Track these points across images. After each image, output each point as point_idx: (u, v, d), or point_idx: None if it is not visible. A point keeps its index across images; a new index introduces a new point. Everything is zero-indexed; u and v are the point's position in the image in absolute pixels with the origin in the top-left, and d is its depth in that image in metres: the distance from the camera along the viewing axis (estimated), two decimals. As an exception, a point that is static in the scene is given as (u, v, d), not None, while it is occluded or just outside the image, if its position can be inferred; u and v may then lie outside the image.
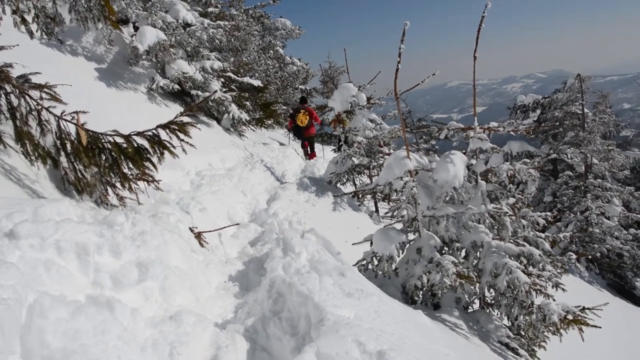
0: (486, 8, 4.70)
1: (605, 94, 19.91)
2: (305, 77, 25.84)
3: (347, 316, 2.85)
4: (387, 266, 5.16)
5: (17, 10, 4.20)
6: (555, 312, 4.58)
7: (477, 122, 5.19)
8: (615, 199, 16.60)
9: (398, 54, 4.65)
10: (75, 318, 2.02)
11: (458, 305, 5.13)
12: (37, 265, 2.24)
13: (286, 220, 6.26)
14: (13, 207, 2.68)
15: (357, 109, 10.87)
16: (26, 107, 3.71)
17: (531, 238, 5.28)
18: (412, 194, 4.87)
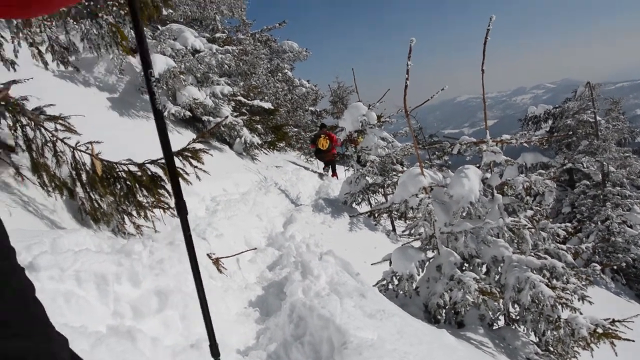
0: (491, 21, 4.70)
1: (617, 100, 19.76)
2: (315, 98, 25.97)
3: (370, 338, 2.79)
4: (408, 285, 5.09)
5: (34, 43, 4.27)
6: (584, 325, 4.47)
7: (489, 135, 5.15)
8: (636, 206, 16.35)
9: (406, 70, 4.66)
10: (96, 349, 2.00)
11: (482, 322, 5.03)
12: (57, 297, 2.23)
13: (303, 242, 6.23)
14: (32, 238, 2.68)
15: (368, 128, 10.88)
16: (42, 138, 3.75)
17: (552, 250, 5.19)
18: (428, 211, 4.82)
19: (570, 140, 18.93)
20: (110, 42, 4.68)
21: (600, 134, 17.33)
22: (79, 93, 9.07)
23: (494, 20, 4.70)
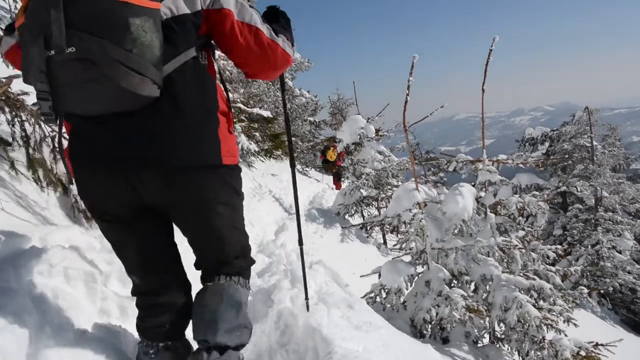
0: (494, 42, 4.76)
1: (614, 127, 19.93)
2: (314, 109, 26.05)
3: (356, 349, 2.81)
4: (396, 299, 5.10)
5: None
6: (568, 347, 4.49)
7: (485, 155, 5.19)
8: (626, 232, 16.44)
9: (407, 86, 4.70)
10: (81, 347, 2.00)
11: (467, 339, 5.04)
12: (45, 292, 2.24)
13: (294, 251, 6.23)
14: (22, 233, 2.69)
15: (366, 141, 10.93)
16: (40, 134, 3.77)
17: (541, 271, 5.23)
18: (420, 226, 4.85)
19: (566, 164, 19.04)
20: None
21: (595, 159, 17.45)
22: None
23: (496, 41, 4.76)
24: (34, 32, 1.48)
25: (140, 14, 1.47)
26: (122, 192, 1.72)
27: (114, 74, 1.45)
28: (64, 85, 1.50)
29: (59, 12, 1.42)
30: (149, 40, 1.50)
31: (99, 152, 1.67)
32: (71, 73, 1.47)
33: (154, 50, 1.51)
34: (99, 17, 1.44)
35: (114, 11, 1.44)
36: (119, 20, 1.44)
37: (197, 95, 1.72)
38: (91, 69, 1.45)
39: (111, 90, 1.50)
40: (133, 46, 1.46)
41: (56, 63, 1.45)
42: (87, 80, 1.48)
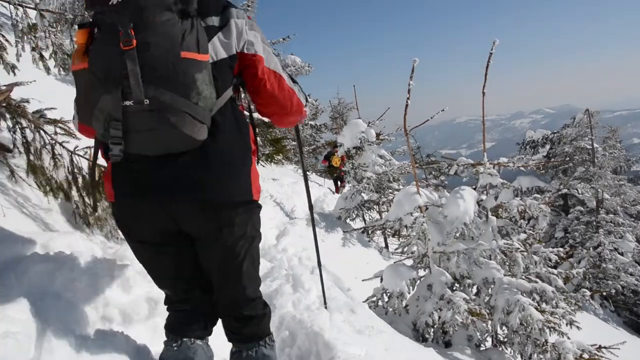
0: (494, 45, 4.77)
1: (615, 129, 19.93)
2: (315, 113, 26.04)
3: (358, 354, 2.80)
4: (398, 303, 5.10)
5: (37, 47, 4.31)
6: (571, 350, 4.48)
7: (486, 158, 5.20)
8: (628, 234, 16.42)
9: (407, 90, 4.71)
10: (83, 353, 2.00)
11: (470, 343, 5.03)
12: (47, 299, 2.24)
13: (295, 256, 6.22)
14: (24, 240, 2.69)
15: (367, 145, 10.93)
16: (40, 141, 3.77)
17: (543, 274, 5.22)
18: (422, 230, 4.85)
19: (567, 166, 19.04)
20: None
21: (596, 161, 17.44)
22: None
23: (497, 44, 4.77)
24: (105, 82, 1.63)
25: (202, 69, 1.66)
26: (162, 222, 1.90)
27: (180, 123, 1.64)
28: (133, 131, 1.67)
29: (135, 64, 1.58)
30: (209, 92, 1.70)
31: (145, 185, 1.81)
32: (142, 121, 1.65)
33: (211, 101, 1.72)
34: (170, 73, 1.61)
35: (184, 68, 1.62)
36: (187, 76, 1.62)
37: (236, 138, 1.90)
38: (162, 119, 1.63)
39: (174, 136, 1.67)
40: (198, 99, 1.66)
41: (130, 113, 1.63)
42: (156, 128, 1.66)
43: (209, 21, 1.78)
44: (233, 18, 1.83)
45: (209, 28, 1.76)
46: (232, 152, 1.87)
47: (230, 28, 1.82)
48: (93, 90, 1.67)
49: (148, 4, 1.62)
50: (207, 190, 1.82)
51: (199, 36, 1.68)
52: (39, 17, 4.44)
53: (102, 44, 1.66)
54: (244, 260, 2.04)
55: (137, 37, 1.59)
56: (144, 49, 1.60)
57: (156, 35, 1.61)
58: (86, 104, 1.74)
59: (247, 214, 1.99)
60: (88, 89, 1.70)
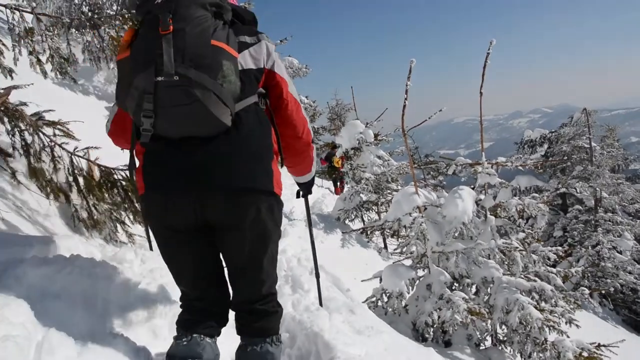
0: (491, 45, 4.78)
1: (613, 128, 19.96)
2: (313, 114, 26.02)
3: (358, 354, 2.81)
4: (397, 303, 5.10)
5: (34, 52, 4.31)
6: (570, 349, 4.49)
7: (484, 157, 5.21)
8: (626, 232, 16.45)
9: (405, 90, 4.72)
10: (83, 355, 2.00)
11: (470, 342, 5.04)
12: (47, 302, 2.24)
13: (295, 257, 6.22)
14: (24, 243, 2.69)
15: (365, 146, 10.95)
16: (39, 143, 3.78)
17: (542, 273, 5.23)
18: (421, 230, 4.85)
19: (565, 165, 19.06)
20: (110, 55, 4.73)
21: (594, 160, 17.46)
22: (78, 101, 9.11)
23: (494, 44, 4.78)
24: (142, 62, 1.82)
25: (229, 58, 1.86)
26: (189, 211, 1.99)
27: (207, 100, 1.79)
28: (163, 106, 1.82)
29: (169, 45, 1.78)
30: (233, 79, 1.87)
31: (173, 175, 1.95)
32: (172, 96, 1.79)
33: (235, 88, 1.88)
34: (200, 55, 1.80)
35: (211, 52, 1.82)
36: (215, 59, 1.82)
37: (260, 132, 2.06)
38: (190, 94, 1.78)
39: (201, 113, 1.82)
40: (223, 81, 1.83)
41: (161, 88, 1.78)
42: (184, 103, 1.80)
43: (242, 39, 2.00)
44: (264, 40, 2.08)
45: (241, 43, 1.98)
46: (254, 144, 2.02)
47: (261, 46, 2.05)
48: (131, 73, 1.84)
49: (186, 1, 1.85)
50: (231, 176, 1.95)
51: (229, 37, 1.90)
52: (35, 21, 4.44)
53: (143, 32, 1.89)
54: (264, 253, 2.17)
55: (174, 25, 1.79)
56: (179, 34, 1.79)
57: (191, 24, 1.82)
58: (124, 85, 1.91)
59: (269, 203, 2.09)
60: (128, 72, 1.87)
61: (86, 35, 4.94)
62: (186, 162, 1.93)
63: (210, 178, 1.93)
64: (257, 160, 2.03)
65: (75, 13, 7.63)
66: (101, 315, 2.53)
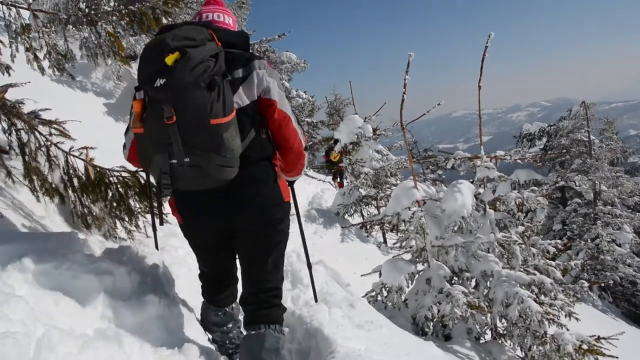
0: (489, 38, 4.77)
1: (611, 121, 19.94)
2: (311, 109, 26.01)
3: (358, 348, 2.81)
4: (397, 297, 5.10)
5: (30, 48, 4.28)
6: (570, 341, 4.50)
7: (483, 151, 5.20)
8: (626, 225, 16.45)
9: (403, 84, 4.70)
10: (83, 352, 2.01)
11: (469, 336, 5.05)
12: (46, 299, 2.24)
13: (294, 252, 6.22)
14: (22, 240, 2.69)
15: (364, 140, 10.93)
16: (35, 143, 3.76)
17: (542, 266, 5.23)
18: (420, 224, 4.85)
19: (564, 159, 19.04)
20: (108, 52, 4.69)
21: (593, 153, 17.45)
22: (76, 98, 9.09)
23: (492, 37, 4.76)
24: (157, 146, 2.19)
25: (228, 127, 2.15)
26: (215, 231, 2.57)
27: (215, 173, 2.19)
28: (180, 179, 2.23)
29: (176, 135, 2.11)
30: (236, 144, 2.20)
31: (199, 212, 2.47)
32: (186, 173, 2.20)
33: (238, 149, 2.22)
34: (203, 139, 2.13)
35: (214, 131, 2.12)
36: (217, 137, 2.13)
37: (262, 163, 2.46)
38: (200, 171, 2.19)
39: (211, 180, 2.23)
40: (226, 153, 2.16)
41: (176, 168, 2.19)
42: (195, 177, 2.22)
43: (235, 74, 2.29)
44: (255, 70, 2.34)
45: (234, 80, 2.28)
46: (262, 175, 2.45)
47: (252, 79, 2.33)
48: (150, 150, 2.25)
49: (181, 85, 2.07)
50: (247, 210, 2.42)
51: (225, 100, 2.15)
52: (32, 18, 4.42)
53: (152, 117, 2.18)
54: (273, 251, 2.60)
55: (176, 114, 2.10)
56: (182, 123, 2.11)
57: (190, 111, 2.10)
58: (145, 157, 2.32)
59: (282, 211, 2.56)
60: (147, 148, 2.27)
61: (83, 32, 4.92)
62: (208, 204, 2.41)
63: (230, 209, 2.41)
64: (267, 183, 2.47)
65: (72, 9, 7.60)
66: (101, 312, 2.53)
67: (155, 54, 2.14)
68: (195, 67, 2.09)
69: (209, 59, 2.15)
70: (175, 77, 2.07)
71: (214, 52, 2.19)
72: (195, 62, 2.10)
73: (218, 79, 2.16)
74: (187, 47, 2.12)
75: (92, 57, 4.92)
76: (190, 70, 2.08)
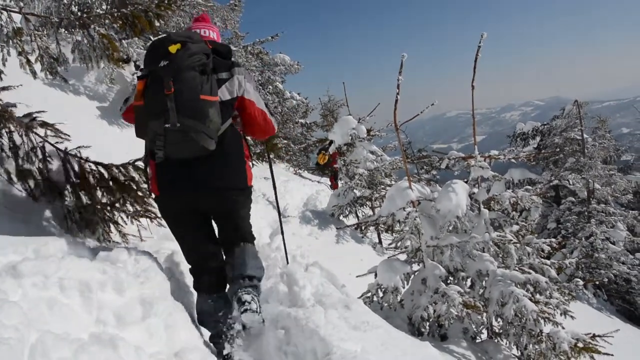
0: (482, 38, 4.77)
1: (604, 119, 20.02)
2: (305, 111, 26.02)
3: (354, 349, 2.81)
4: (393, 298, 5.11)
5: (22, 52, 4.27)
6: (565, 340, 4.51)
7: (477, 151, 5.21)
8: (619, 223, 16.53)
9: (397, 85, 4.71)
10: (78, 357, 1.99)
11: (466, 335, 5.05)
12: (40, 304, 2.22)
13: (289, 254, 6.22)
14: (17, 245, 2.68)
15: (358, 141, 10.95)
16: (29, 145, 3.75)
17: (537, 265, 5.24)
18: (415, 224, 4.85)
19: (557, 158, 19.12)
20: (101, 54, 4.67)
21: (586, 151, 17.52)
22: (69, 101, 9.04)
23: (485, 37, 4.77)
24: (155, 113, 2.70)
25: (212, 105, 2.77)
26: (189, 204, 3.06)
27: (199, 138, 2.73)
28: (169, 142, 2.75)
29: (172, 103, 2.65)
30: (217, 120, 2.81)
31: (178, 181, 2.95)
32: (176, 137, 2.72)
33: (217, 124, 2.82)
34: (193, 108, 2.69)
35: (201, 105, 2.72)
36: (203, 110, 2.72)
37: (235, 147, 3.10)
38: (187, 135, 2.71)
39: (195, 146, 2.76)
40: (209, 124, 2.75)
41: (168, 131, 2.70)
42: (184, 140, 2.74)
43: (220, 75, 2.94)
44: (236, 75, 3.01)
45: (220, 79, 2.93)
46: (232, 156, 3.05)
47: (233, 81, 3.00)
48: (147, 118, 2.75)
49: (181, 67, 2.68)
50: (219, 181, 3.00)
51: (212, 85, 2.79)
52: (24, 21, 4.40)
53: (153, 89, 2.72)
54: (243, 216, 3.37)
55: (175, 87, 2.65)
56: (178, 94, 2.66)
57: (186, 86, 2.68)
58: (142, 125, 2.81)
59: (245, 194, 3.26)
60: (144, 117, 2.78)
61: (76, 35, 4.89)
62: (185, 174, 2.92)
63: (204, 184, 2.97)
64: (235, 167, 3.10)
65: (64, 12, 7.57)
66: (96, 316, 2.52)
67: (162, 44, 2.75)
68: (191, 55, 2.71)
69: (202, 54, 2.77)
70: (177, 59, 2.68)
71: (206, 51, 2.83)
72: (192, 52, 2.72)
73: (208, 70, 2.79)
74: (186, 41, 2.75)
75: (86, 60, 4.90)
76: (188, 57, 2.70)
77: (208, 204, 3.10)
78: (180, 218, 3.15)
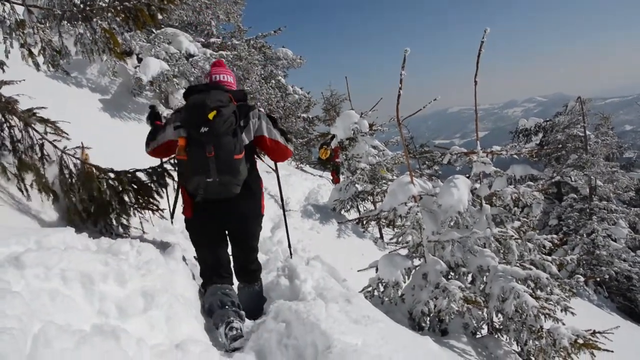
0: (485, 34, 4.75)
1: (607, 116, 19.95)
2: (307, 105, 25.95)
3: (355, 343, 2.82)
4: (394, 292, 5.12)
5: (25, 44, 4.26)
6: (565, 336, 4.52)
7: (479, 147, 5.20)
8: (621, 220, 16.51)
9: (399, 80, 4.69)
10: (80, 348, 2.00)
11: (466, 330, 5.06)
12: (42, 295, 2.23)
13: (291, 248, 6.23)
14: (19, 236, 2.68)
15: (360, 136, 10.93)
16: (30, 140, 3.75)
17: (538, 261, 5.24)
18: (416, 219, 4.85)
19: (560, 154, 19.08)
20: (103, 48, 4.67)
21: (589, 148, 17.49)
22: (71, 94, 9.05)
23: (488, 33, 4.75)
24: (199, 170, 3.31)
25: (242, 162, 3.41)
26: (217, 227, 3.74)
27: (231, 187, 3.43)
28: (209, 191, 3.41)
29: (213, 164, 3.27)
30: (244, 172, 3.46)
31: (210, 211, 3.60)
32: (214, 187, 3.37)
33: (245, 175, 3.47)
34: (229, 167, 3.33)
35: (235, 164, 3.36)
36: (236, 167, 3.37)
37: (255, 185, 3.75)
38: (223, 186, 3.39)
39: (228, 192, 3.45)
40: (239, 176, 3.42)
41: (208, 183, 3.34)
42: (220, 191, 3.42)
43: (241, 123, 3.50)
44: (251, 120, 3.61)
45: (240, 127, 3.46)
46: (254, 193, 3.72)
47: (249, 126, 3.61)
48: (192, 173, 3.36)
49: (219, 133, 3.26)
50: (242, 211, 3.68)
51: (240, 144, 3.40)
52: (26, 13, 4.39)
53: (196, 151, 3.30)
54: (254, 239, 3.94)
55: (215, 150, 3.26)
56: (217, 156, 3.28)
57: (223, 150, 3.29)
58: (187, 177, 3.44)
59: (258, 220, 3.92)
60: (189, 172, 3.39)
61: (78, 28, 4.89)
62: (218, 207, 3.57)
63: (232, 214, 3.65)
64: (255, 201, 3.79)
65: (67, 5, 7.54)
66: (97, 308, 2.53)
67: (201, 110, 3.25)
68: (225, 121, 3.27)
69: (232, 116, 3.33)
70: (215, 126, 3.24)
71: (233, 109, 3.37)
72: (225, 117, 3.28)
73: (238, 130, 3.41)
74: (220, 107, 3.26)
75: (87, 53, 4.89)
76: (223, 123, 3.26)
77: (233, 225, 3.76)
78: (206, 232, 3.74)
